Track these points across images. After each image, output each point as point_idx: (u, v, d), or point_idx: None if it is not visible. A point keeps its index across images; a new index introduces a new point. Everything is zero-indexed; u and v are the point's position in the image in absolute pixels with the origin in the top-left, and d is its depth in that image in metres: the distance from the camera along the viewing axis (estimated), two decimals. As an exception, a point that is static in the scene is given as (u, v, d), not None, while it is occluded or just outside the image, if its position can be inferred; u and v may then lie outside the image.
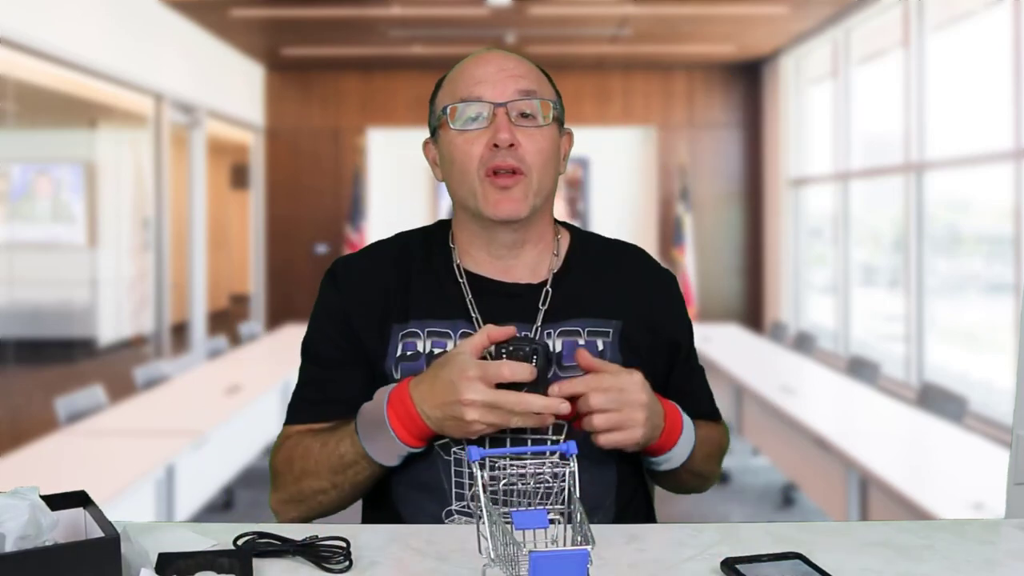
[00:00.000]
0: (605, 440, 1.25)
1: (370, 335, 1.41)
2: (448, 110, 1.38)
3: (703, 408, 1.51)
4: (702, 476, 1.47)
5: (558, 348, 1.38)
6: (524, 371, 1.22)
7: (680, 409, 1.37)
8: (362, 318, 1.42)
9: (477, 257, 1.42)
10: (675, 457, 1.37)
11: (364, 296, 1.43)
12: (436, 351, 1.38)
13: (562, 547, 0.97)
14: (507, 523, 0.98)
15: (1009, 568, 1.15)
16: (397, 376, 1.38)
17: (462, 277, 1.41)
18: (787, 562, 1.10)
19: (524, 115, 1.37)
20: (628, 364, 1.35)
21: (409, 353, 1.38)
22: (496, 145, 1.34)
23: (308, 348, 1.47)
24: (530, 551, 0.90)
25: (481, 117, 1.36)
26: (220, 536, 1.18)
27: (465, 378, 1.22)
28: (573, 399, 1.25)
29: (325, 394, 1.41)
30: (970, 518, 2.14)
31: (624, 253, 1.53)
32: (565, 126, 1.48)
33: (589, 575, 0.92)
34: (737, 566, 1.08)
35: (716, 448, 1.50)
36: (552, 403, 1.22)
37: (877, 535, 1.22)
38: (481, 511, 0.98)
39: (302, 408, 1.44)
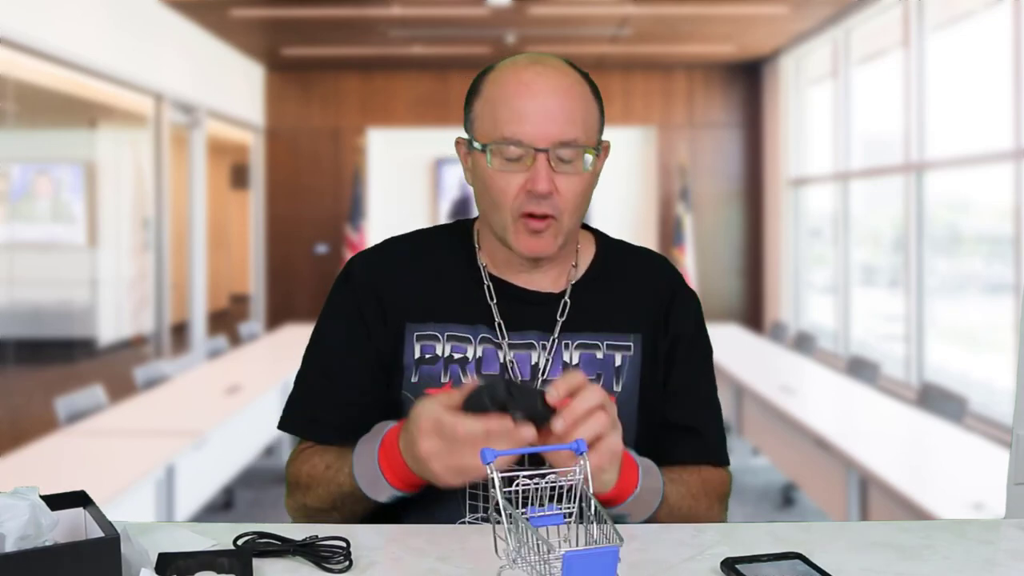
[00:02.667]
0: (605, 446, 1.16)
1: (384, 337, 1.39)
2: (487, 147, 1.33)
3: (708, 448, 1.44)
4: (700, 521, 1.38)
5: (575, 360, 1.37)
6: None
7: (636, 464, 1.26)
8: (377, 318, 1.39)
9: (501, 263, 1.41)
10: (632, 515, 1.28)
11: (381, 295, 1.40)
12: (456, 355, 1.36)
13: (574, 546, 0.97)
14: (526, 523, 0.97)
15: (1009, 568, 1.15)
16: (415, 379, 1.36)
17: (487, 279, 1.40)
18: (787, 562, 1.10)
19: (563, 160, 1.33)
20: (651, 377, 1.36)
21: (428, 356, 1.37)
22: (531, 191, 1.31)
23: (317, 349, 1.43)
24: (565, 551, 0.90)
25: (522, 158, 1.32)
26: (220, 536, 1.18)
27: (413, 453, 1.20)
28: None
29: (334, 402, 1.39)
30: (970, 518, 2.14)
31: (649, 264, 1.50)
32: (603, 139, 1.43)
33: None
34: (737, 566, 1.08)
35: (704, 495, 1.40)
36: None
37: (877, 535, 1.23)
38: (500, 512, 0.97)
39: (304, 416, 1.42)
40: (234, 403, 4.78)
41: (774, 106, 9.11)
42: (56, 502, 1.05)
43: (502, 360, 1.36)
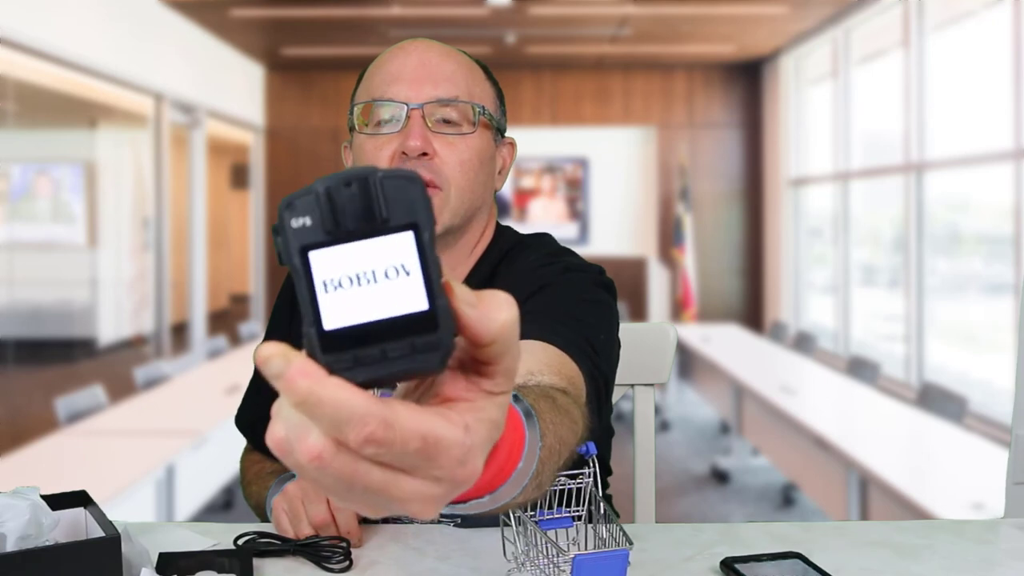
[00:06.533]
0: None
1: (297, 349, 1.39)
2: (359, 110, 1.22)
3: (561, 340, 1.01)
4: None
5: None
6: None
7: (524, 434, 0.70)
8: (289, 331, 1.40)
9: None
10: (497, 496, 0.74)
11: (295, 306, 1.42)
12: None
13: (583, 549, 0.97)
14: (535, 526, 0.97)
15: (1008, 568, 1.15)
16: None
17: None
18: (786, 562, 1.10)
19: (447, 121, 1.19)
20: None
21: None
22: (405, 153, 1.16)
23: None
24: (575, 554, 0.90)
25: (394, 120, 1.19)
26: (220, 536, 1.18)
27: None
28: None
29: (260, 414, 1.42)
30: (969, 518, 2.14)
31: (522, 245, 1.31)
32: (506, 135, 1.30)
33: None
34: (736, 565, 1.08)
35: (567, 417, 0.87)
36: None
37: (876, 535, 1.23)
38: (509, 515, 0.97)
39: (244, 420, 1.48)
40: (234, 403, 4.73)
41: (774, 106, 9.11)
42: (57, 502, 1.05)
43: None
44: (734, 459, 5.66)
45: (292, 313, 1.42)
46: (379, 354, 0.44)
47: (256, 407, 1.45)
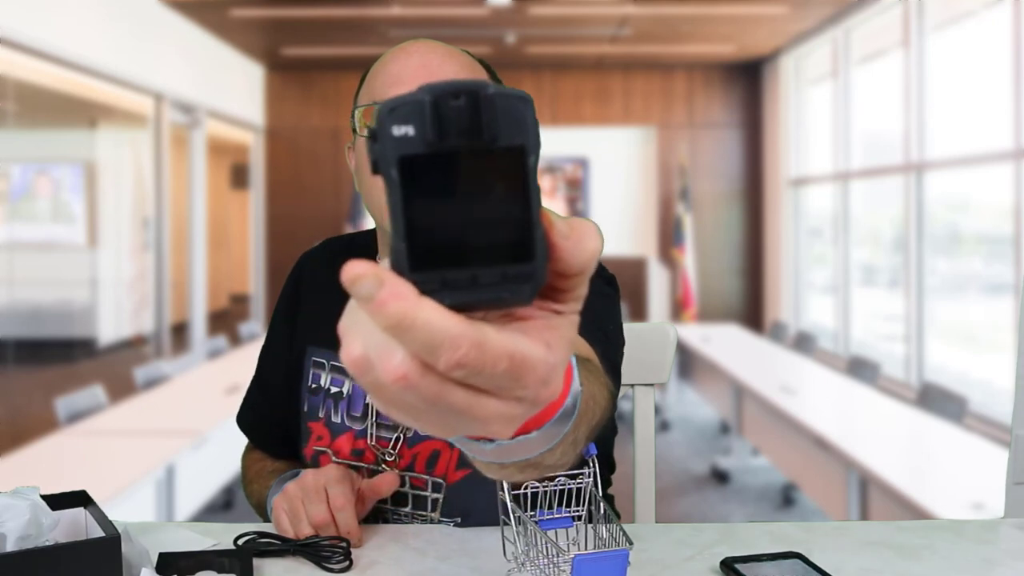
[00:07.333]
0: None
1: (292, 358, 1.37)
2: (360, 113, 1.21)
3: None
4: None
5: None
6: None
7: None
8: (290, 334, 1.39)
9: None
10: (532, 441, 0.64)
11: (296, 309, 1.40)
12: (334, 389, 1.31)
13: (583, 549, 0.97)
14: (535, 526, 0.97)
15: (1008, 568, 1.15)
16: (304, 408, 1.34)
17: None
18: (786, 562, 1.10)
19: None
20: None
21: (313, 386, 1.34)
22: None
23: (261, 351, 1.45)
24: (575, 554, 0.90)
25: None
26: (221, 536, 1.18)
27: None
28: None
29: (263, 413, 1.43)
30: (969, 518, 2.14)
31: None
32: None
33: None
34: (736, 566, 1.08)
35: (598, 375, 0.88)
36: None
37: (876, 535, 1.23)
38: (508, 515, 0.97)
39: (246, 421, 1.47)
40: (234, 403, 4.71)
41: (774, 106, 9.11)
42: (57, 502, 1.05)
43: (367, 400, 1.26)
44: (734, 459, 5.66)
45: (292, 315, 1.41)
46: (469, 279, 0.42)
47: (258, 406, 1.45)
